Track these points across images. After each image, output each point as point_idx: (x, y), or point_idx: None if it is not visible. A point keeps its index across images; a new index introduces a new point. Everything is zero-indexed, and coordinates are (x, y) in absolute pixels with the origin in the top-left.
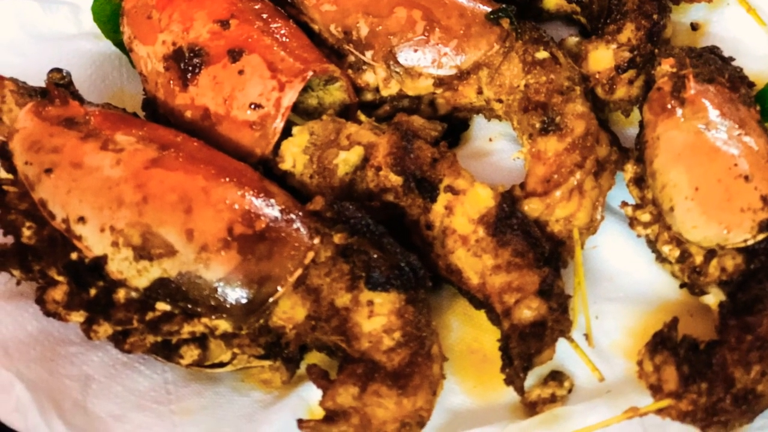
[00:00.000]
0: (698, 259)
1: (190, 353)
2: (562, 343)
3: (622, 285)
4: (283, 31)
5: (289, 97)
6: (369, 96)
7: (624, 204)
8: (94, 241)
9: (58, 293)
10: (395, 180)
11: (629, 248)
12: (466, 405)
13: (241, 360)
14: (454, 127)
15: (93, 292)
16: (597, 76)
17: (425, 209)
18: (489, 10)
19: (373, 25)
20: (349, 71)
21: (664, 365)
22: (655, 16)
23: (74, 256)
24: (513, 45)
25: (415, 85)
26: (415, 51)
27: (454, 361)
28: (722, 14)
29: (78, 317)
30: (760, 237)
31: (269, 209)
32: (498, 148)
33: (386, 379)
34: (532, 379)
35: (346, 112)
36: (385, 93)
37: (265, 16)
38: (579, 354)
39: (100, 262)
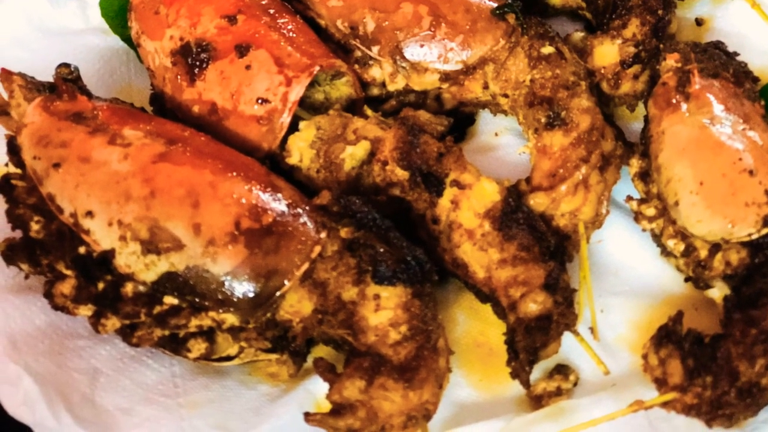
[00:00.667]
0: (703, 253)
1: (198, 347)
2: (567, 337)
3: (628, 279)
4: (290, 27)
5: (296, 92)
6: (375, 91)
7: (629, 198)
8: (101, 235)
9: (66, 287)
10: (401, 174)
11: (634, 242)
12: (472, 398)
13: (248, 353)
14: (460, 121)
15: (101, 285)
16: (602, 71)
17: (431, 203)
18: (495, 5)
19: (380, 21)
20: (356, 66)
21: (669, 359)
22: (660, 12)
23: (82, 250)
24: (519, 40)
25: (422, 80)
26: (422, 46)
27: (460, 354)
28: (727, 10)
29: (86, 311)
30: (765, 231)
31: (276, 203)
32: (504, 142)
33: (392, 372)
34: (537, 372)
35: (352, 107)
36: (391, 88)
37: (272, 11)
38: (584, 347)
39: (108, 256)
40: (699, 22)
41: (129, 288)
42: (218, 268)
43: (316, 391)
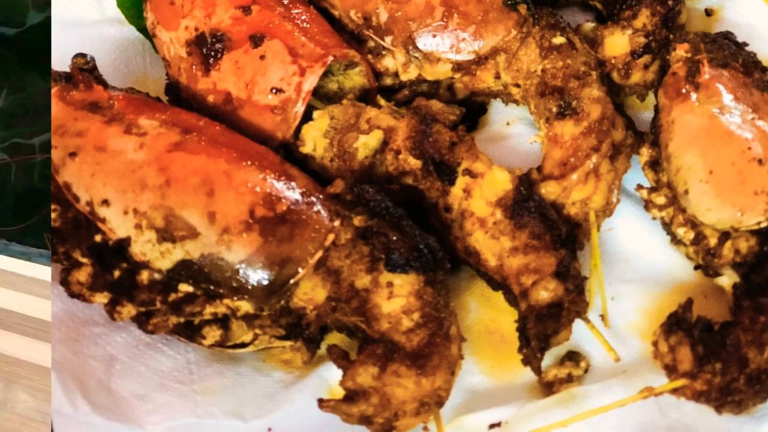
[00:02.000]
0: (712, 241)
1: (212, 334)
2: (578, 324)
3: (638, 267)
4: (303, 17)
5: (310, 82)
6: (388, 81)
7: (639, 187)
8: (117, 224)
9: (83, 275)
10: (414, 163)
11: (644, 230)
12: (484, 385)
13: (263, 340)
14: (472, 111)
15: (117, 273)
16: (613, 61)
17: (444, 192)
18: None
19: (393, 11)
20: (369, 56)
21: (679, 346)
22: (670, 2)
23: (98, 238)
24: (530, 30)
25: (434, 70)
26: (434, 36)
27: (472, 341)
28: (736, 0)
29: (102, 298)
30: None
31: (290, 192)
32: (515, 131)
33: (405, 359)
34: (549, 359)
35: (365, 97)
36: (404, 78)
37: (286, 1)
38: (595, 335)
39: (124, 244)
40: (708, 13)
41: (144, 276)
42: (233, 256)
43: (329, 378)
